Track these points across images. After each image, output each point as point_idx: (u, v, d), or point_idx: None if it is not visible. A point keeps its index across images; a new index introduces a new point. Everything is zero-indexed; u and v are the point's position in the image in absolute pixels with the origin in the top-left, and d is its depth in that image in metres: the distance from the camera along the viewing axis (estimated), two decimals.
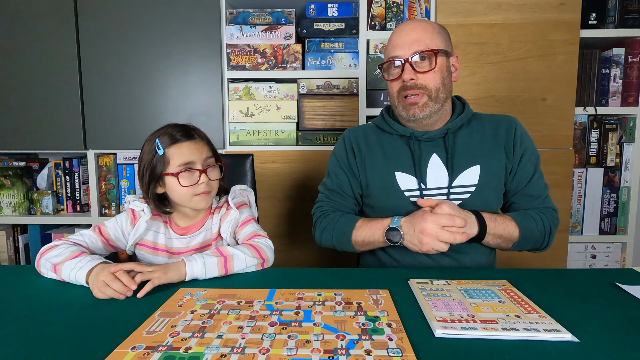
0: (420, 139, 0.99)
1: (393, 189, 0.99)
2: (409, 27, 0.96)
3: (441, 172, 0.98)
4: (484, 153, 0.98)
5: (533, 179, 0.99)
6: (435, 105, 0.95)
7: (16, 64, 1.62)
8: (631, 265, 1.67)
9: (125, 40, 1.60)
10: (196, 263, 0.80)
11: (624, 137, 1.66)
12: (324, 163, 1.60)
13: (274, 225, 1.63)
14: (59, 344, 0.56)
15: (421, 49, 0.93)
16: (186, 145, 0.92)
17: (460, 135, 1.00)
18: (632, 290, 0.72)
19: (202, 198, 0.93)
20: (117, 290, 0.71)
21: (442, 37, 0.96)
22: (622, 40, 1.61)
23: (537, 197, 1.00)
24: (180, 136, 0.92)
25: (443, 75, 0.95)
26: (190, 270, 0.79)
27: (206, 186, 0.92)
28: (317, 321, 0.60)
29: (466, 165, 0.97)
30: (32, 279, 0.82)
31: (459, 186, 0.97)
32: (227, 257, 0.83)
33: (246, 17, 1.60)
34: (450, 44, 0.99)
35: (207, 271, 0.80)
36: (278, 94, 1.62)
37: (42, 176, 1.79)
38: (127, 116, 1.63)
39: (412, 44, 0.93)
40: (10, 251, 1.75)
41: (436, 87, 0.94)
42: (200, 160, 0.92)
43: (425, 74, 0.93)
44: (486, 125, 1.01)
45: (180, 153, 0.91)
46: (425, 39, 0.93)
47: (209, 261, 0.81)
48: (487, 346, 0.54)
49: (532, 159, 1.00)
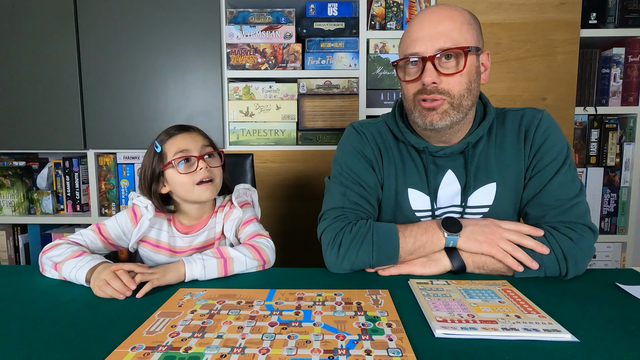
0: (435, 155, 0.86)
1: (404, 207, 0.89)
2: (434, 17, 0.78)
3: (454, 189, 0.87)
4: (502, 167, 0.86)
5: (550, 185, 0.83)
6: (458, 114, 0.80)
7: (16, 64, 1.62)
8: (631, 265, 1.67)
9: (125, 40, 1.60)
10: (195, 265, 0.79)
11: (624, 137, 1.66)
12: (323, 163, 1.60)
13: (273, 225, 1.63)
14: (59, 344, 0.56)
15: (448, 45, 0.76)
16: (180, 136, 0.94)
17: (479, 147, 0.87)
18: (632, 290, 0.72)
19: (205, 188, 0.92)
20: (117, 289, 0.71)
21: (474, 29, 0.79)
22: (622, 40, 1.61)
23: (553, 207, 0.82)
24: (175, 130, 0.95)
25: (471, 79, 0.79)
26: (189, 272, 0.79)
27: (206, 171, 0.92)
28: (317, 321, 0.60)
29: (482, 183, 0.87)
30: (32, 279, 0.82)
31: (472, 206, 0.87)
32: (227, 259, 0.82)
33: (246, 16, 1.60)
34: (481, 36, 0.81)
35: (207, 273, 0.80)
36: (278, 93, 1.62)
37: (42, 176, 1.79)
38: (127, 116, 1.63)
39: (437, 38, 0.76)
40: (10, 251, 1.75)
41: (460, 94, 0.78)
42: (197, 148, 0.93)
43: (450, 76, 0.77)
44: (508, 129, 0.88)
45: (175, 143, 0.93)
46: (454, 32, 0.76)
47: (209, 263, 0.80)
48: (487, 346, 0.54)
49: (555, 162, 0.83)
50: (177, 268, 0.79)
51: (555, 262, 0.77)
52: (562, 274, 0.78)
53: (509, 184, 0.87)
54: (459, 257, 0.80)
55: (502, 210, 0.88)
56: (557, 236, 0.78)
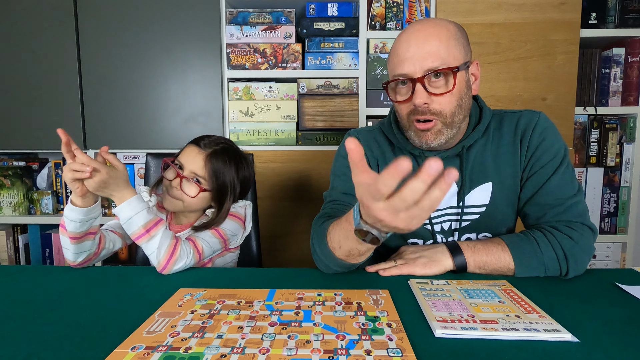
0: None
1: None
2: (420, 35, 0.78)
3: (451, 191, 0.88)
4: (498, 167, 0.87)
5: (549, 184, 0.83)
6: (452, 130, 0.82)
7: (16, 64, 1.62)
8: (631, 265, 1.67)
9: (125, 40, 1.60)
10: (132, 207, 0.83)
11: (624, 137, 1.66)
12: (324, 163, 1.60)
13: (273, 225, 1.63)
14: (59, 344, 0.55)
15: (435, 65, 0.76)
16: (191, 148, 0.97)
17: (475, 148, 0.88)
18: (632, 290, 0.72)
19: (169, 200, 0.95)
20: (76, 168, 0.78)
21: (460, 43, 0.79)
22: (622, 40, 1.61)
23: (551, 206, 0.83)
24: (200, 139, 0.99)
25: (461, 94, 0.80)
26: (126, 204, 0.83)
27: (174, 190, 0.94)
28: (317, 321, 0.60)
29: (477, 183, 0.87)
30: (32, 279, 0.82)
31: (469, 206, 0.88)
32: (158, 224, 0.85)
33: (246, 16, 1.60)
34: (468, 47, 0.82)
35: (134, 219, 0.83)
36: (278, 93, 1.62)
37: (42, 176, 1.79)
38: (127, 116, 1.63)
39: (425, 58, 0.76)
40: (10, 251, 1.75)
41: (452, 112, 0.80)
42: (188, 166, 0.95)
43: (440, 96, 0.78)
44: (504, 130, 0.88)
45: (184, 150, 0.98)
46: (441, 51, 0.76)
47: (142, 215, 0.83)
48: (487, 346, 0.54)
49: (552, 162, 0.84)
50: (128, 194, 0.83)
51: (556, 261, 0.77)
52: (563, 273, 0.78)
53: (506, 184, 0.87)
54: (461, 256, 0.80)
55: (498, 209, 0.88)
56: (558, 236, 0.79)
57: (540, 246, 0.78)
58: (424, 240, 0.94)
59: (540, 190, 0.84)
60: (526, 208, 0.87)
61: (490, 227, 0.90)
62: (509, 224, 0.92)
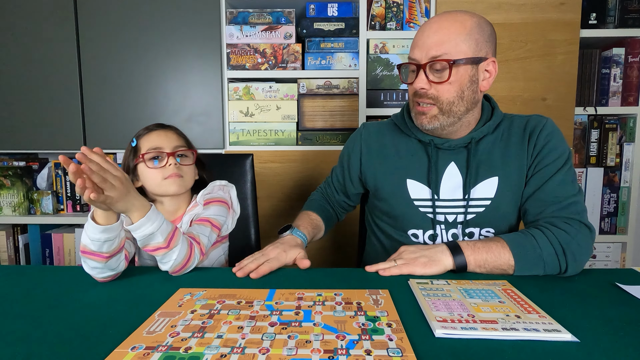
0: (441, 147, 0.92)
1: (402, 197, 0.94)
2: (434, 26, 0.83)
3: (457, 183, 0.91)
4: (505, 163, 0.90)
5: (550, 182, 0.86)
6: (449, 118, 0.86)
7: (16, 64, 1.62)
8: (631, 265, 1.67)
9: (125, 40, 1.60)
10: (154, 220, 0.77)
11: (624, 137, 1.66)
12: (324, 163, 1.60)
13: (273, 225, 1.63)
14: (59, 343, 0.56)
15: (438, 54, 0.82)
16: (155, 133, 0.98)
17: (484, 143, 0.91)
18: (632, 290, 0.72)
19: (172, 181, 0.94)
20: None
21: (472, 39, 0.82)
22: (622, 40, 1.61)
23: (551, 202, 0.85)
24: (152, 127, 0.99)
25: (462, 87, 0.84)
26: (146, 220, 0.76)
27: (174, 168, 0.94)
28: (317, 321, 0.60)
29: (484, 177, 0.90)
30: (32, 279, 0.82)
31: (475, 199, 0.91)
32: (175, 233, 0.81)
33: (246, 17, 1.60)
34: (485, 45, 0.84)
35: (155, 235, 0.78)
36: (278, 93, 1.62)
37: (42, 176, 1.79)
38: (127, 116, 1.63)
39: (431, 47, 0.82)
40: (10, 251, 1.75)
41: (449, 100, 0.85)
42: (170, 147, 0.96)
43: (439, 84, 0.84)
44: (513, 130, 0.92)
45: (149, 139, 0.97)
46: (448, 43, 0.81)
47: (163, 227, 0.78)
48: (487, 346, 0.54)
49: (556, 162, 0.87)
50: (142, 206, 0.76)
51: (554, 257, 0.78)
52: (562, 269, 0.79)
53: (512, 180, 0.90)
54: (461, 255, 0.80)
55: (503, 204, 0.91)
56: (555, 230, 0.80)
57: (538, 243, 0.79)
58: (423, 230, 0.95)
59: (542, 187, 0.87)
60: (527, 204, 0.89)
61: (494, 222, 0.92)
62: (512, 220, 0.93)
